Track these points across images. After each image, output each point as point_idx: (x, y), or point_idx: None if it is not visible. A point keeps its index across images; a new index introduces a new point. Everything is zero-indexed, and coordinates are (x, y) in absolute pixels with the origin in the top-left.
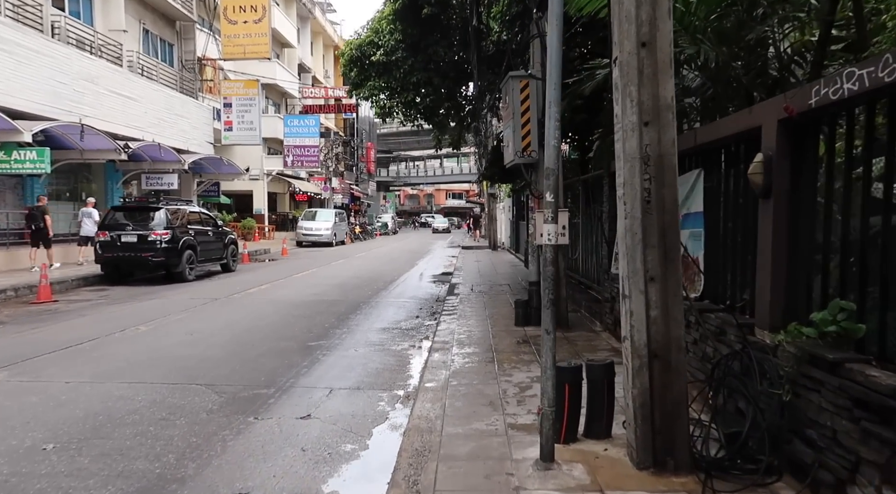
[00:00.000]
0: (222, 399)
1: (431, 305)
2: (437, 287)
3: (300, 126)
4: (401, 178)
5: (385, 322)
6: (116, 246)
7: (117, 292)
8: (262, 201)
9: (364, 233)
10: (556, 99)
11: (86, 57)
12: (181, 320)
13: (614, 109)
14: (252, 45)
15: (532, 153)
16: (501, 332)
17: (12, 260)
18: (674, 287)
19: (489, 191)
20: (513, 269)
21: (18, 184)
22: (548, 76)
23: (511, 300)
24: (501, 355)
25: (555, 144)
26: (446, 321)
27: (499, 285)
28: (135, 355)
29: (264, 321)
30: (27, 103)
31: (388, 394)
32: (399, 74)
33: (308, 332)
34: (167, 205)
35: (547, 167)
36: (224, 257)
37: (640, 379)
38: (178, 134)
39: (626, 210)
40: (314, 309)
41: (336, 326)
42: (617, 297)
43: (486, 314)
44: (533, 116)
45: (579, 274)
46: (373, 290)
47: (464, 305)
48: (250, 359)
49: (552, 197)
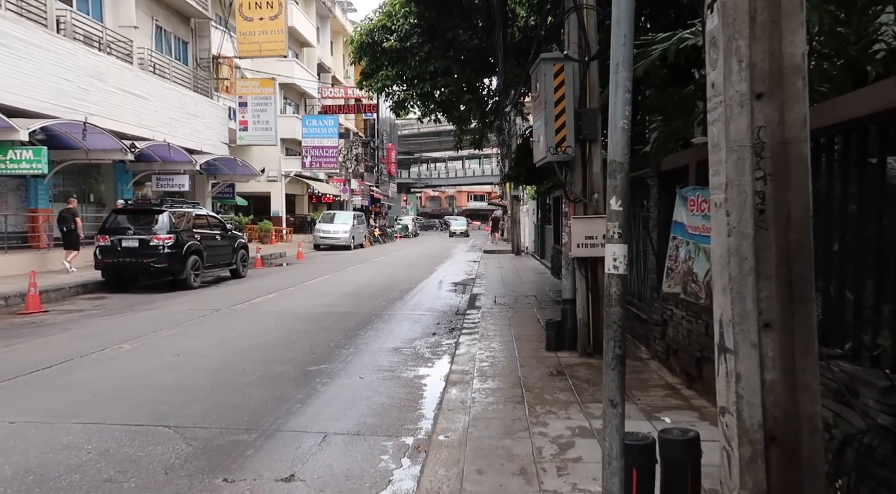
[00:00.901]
0: (190, 449)
1: (450, 319)
2: (457, 297)
3: (319, 127)
4: (422, 179)
5: (397, 341)
6: (117, 251)
7: (115, 300)
8: (279, 204)
9: (384, 236)
10: (626, 59)
11: (93, 53)
12: (172, 336)
13: (708, 79)
14: (268, 42)
15: (567, 149)
16: (530, 359)
17: (8, 265)
18: (804, 340)
19: (512, 193)
20: (538, 277)
21: (21, 185)
22: (614, 27)
23: (539, 316)
24: (532, 392)
25: (624, 126)
26: (466, 342)
27: (524, 297)
28: (105, 383)
29: (263, 339)
30: (28, 101)
31: (393, 443)
32: (414, 63)
33: (310, 353)
34: (171, 207)
35: (612, 160)
36: (233, 263)
37: (752, 476)
38: (191, 134)
39: (728, 224)
40: (320, 324)
41: (342, 345)
42: (669, 321)
43: (511, 333)
44: (569, 106)
45: None
46: (387, 300)
47: (486, 321)
48: (237, 390)
49: (619, 203)
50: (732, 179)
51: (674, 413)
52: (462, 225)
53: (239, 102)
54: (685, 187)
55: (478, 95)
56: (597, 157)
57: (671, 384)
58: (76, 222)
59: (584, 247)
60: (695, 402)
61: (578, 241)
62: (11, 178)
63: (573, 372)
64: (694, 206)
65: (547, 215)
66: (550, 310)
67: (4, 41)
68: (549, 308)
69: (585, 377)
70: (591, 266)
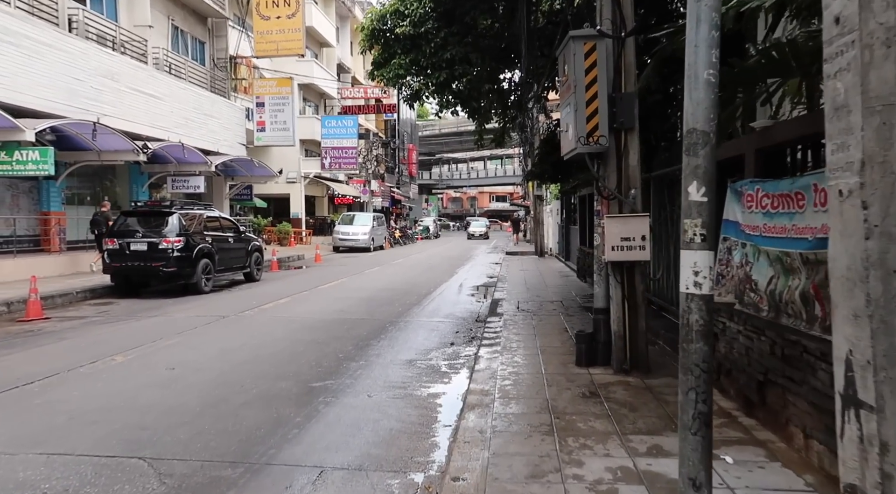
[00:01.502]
0: (161, 490)
1: (470, 327)
2: (478, 303)
3: (338, 127)
4: (443, 180)
5: (412, 352)
6: (125, 255)
7: (122, 306)
8: (299, 205)
9: (404, 237)
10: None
11: (105, 52)
12: (171, 346)
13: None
14: (285, 41)
15: (600, 139)
16: (559, 376)
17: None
18: None
19: (535, 192)
20: (563, 280)
21: (34, 187)
22: None
23: (566, 324)
24: (563, 419)
25: (709, 79)
26: (486, 355)
27: (549, 303)
28: (85, 402)
29: (267, 350)
30: (38, 101)
31: (400, 481)
32: (429, 50)
33: (316, 366)
34: (181, 209)
35: (690, 130)
36: (247, 266)
37: None
38: (208, 135)
39: (866, 221)
40: (331, 332)
41: (352, 356)
42: (721, 335)
43: (536, 344)
44: (602, 90)
45: (650, 292)
46: (404, 306)
47: (508, 329)
48: (229, 411)
49: (702, 192)
50: (873, 154)
51: (735, 450)
52: (481, 226)
53: (256, 103)
54: (739, 181)
55: (498, 86)
56: (633, 148)
57: (725, 409)
58: (108, 224)
59: (619, 250)
60: (758, 435)
61: (613, 243)
62: (23, 180)
63: (609, 393)
64: (753, 202)
65: (572, 216)
66: (578, 318)
67: (13, 40)
68: (577, 316)
69: (623, 399)
70: (627, 272)
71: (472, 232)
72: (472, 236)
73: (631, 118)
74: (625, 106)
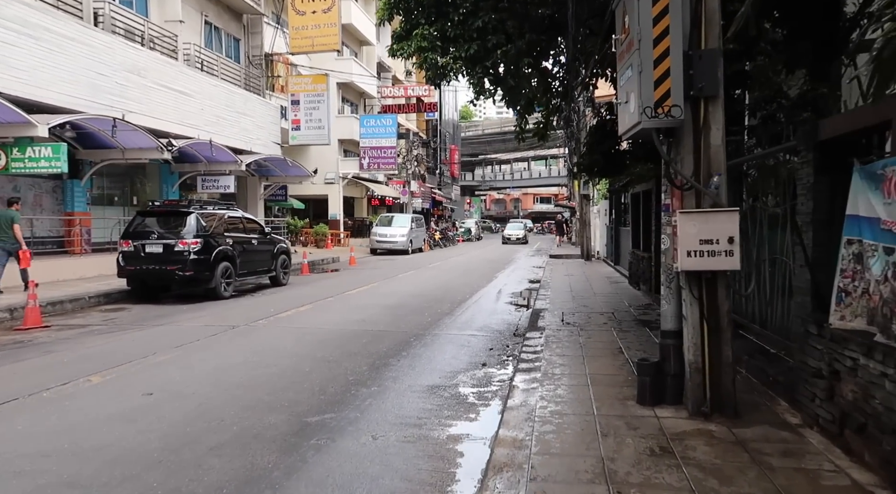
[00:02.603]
0: None
1: (506, 343)
2: (517, 313)
3: (376, 126)
4: (486, 182)
5: (435, 375)
6: (140, 257)
7: (133, 313)
8: (337, 207)
9: (444, 239)
10: None
11: (131, 47)
12: (161, 364)
13: None
14: (321, 37)
15: (672, 110)
16: (616, 419)
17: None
18: None
19: (581, 192)
20: (613, 287)
21: (57, 187)
22: None
23: (619, 342)
24: (629, 491)
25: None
26: (523, 384)
27: (598, 314)
28: (22, 444)
29: (268, 370)
30: (58, 96)
31: None
32: (457, 17)
33: (319, 393)
34: (201, 209)
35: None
36: (273, 269)
37: None
38: (240, 133)
39: None
40: (347, 347)
41: (364, 380)
42: (848, 375)
43: (584, 371)
44: (675, 48)
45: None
46: (434, 315)
47: (551, 349)
48: (192, 460)
49: None
50: None
51: None
52: (518, 229)
53: (291, 100)
54: (878, 161)
55: (538, 62)
56: (717, 121)
57: (861, 483)
58: None
59: (697, 256)
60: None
61: (689, 247)
62: (46, 179)
63: (687, 450)
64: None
65: (621, 216)
66: (635, 334)
67: (32, 33)
68: (633, 332)
69: (708, 461)
70: (707, 284)
71: (509, 235)
72: (509, 240)
73: (714, 83)
74: (705, 67)
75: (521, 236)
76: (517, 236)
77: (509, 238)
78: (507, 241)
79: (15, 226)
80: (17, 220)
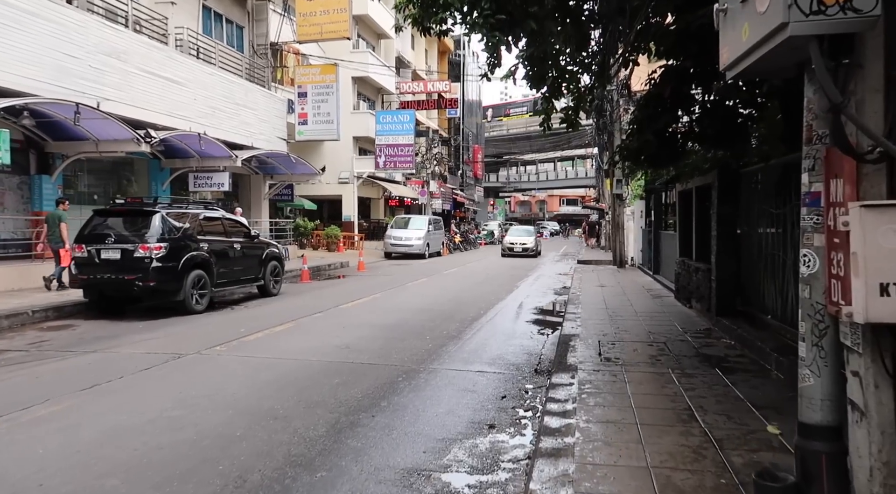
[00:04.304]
0: None
1: (524, 387)
2: (541, 338)
3: (393, 123)
4: (511, 183)
5: (420, 445)
6: (95, 265)
7: (76, 332)
8: (351, 208)
9: (465, 242)
10: None
11: (110, 27)
12: (36, 421)
13: None
14: (330, 23)
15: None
16: None
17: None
18: None
19: (615, 191)
20: (657, 304)
21: (24, 183)
22: None
23: (685, 394)
24: None
25: None
26: (550, 480)
27: (647, 345)
28: None
29: (178, 437)
30: (16, 79)
31: None
32: None
33: (232, 487)
34: (168, 207)
35: None
36: (261, 277)
37: None
38: (240, 127)
39: None
40: (308, 393)
41: (311, 458)
42: None
43: (643, 453)
44: None
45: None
46: (437, 340)
47: (587, 405)
48: None
49: None
50: None
51: None
52: (524, 236)
53: (298, 93)
54: None
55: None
56: None
57: None
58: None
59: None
60: None
61: (888, 276)
62: (9, 174)
63: None
64: None
65: (661, 218)
66: (703, 380)
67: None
68: (700, 376)
69: None
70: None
71: (511, 245)
72: (511, 252)
73: None
74: None
75: (530, 247)
76: (523, 247)
77: (511, 249)
78: (507, 253)
79: (62, 225)
80: (64, 219)
